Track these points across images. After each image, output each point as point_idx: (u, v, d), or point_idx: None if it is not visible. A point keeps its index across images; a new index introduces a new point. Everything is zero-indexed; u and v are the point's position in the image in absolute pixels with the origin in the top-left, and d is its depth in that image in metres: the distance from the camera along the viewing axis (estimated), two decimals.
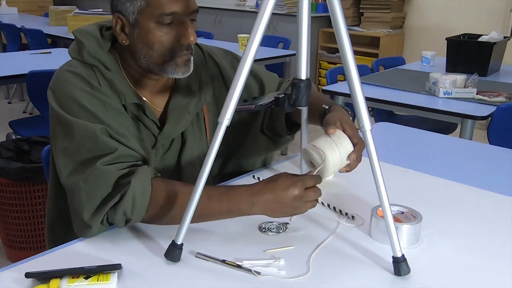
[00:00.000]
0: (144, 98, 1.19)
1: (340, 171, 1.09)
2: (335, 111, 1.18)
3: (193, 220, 1.00)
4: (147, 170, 1.05)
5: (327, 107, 1.20)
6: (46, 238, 1.30)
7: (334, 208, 1.20)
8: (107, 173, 1.03)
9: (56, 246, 1.05)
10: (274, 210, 1.03)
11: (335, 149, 1.05)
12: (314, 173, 1.06)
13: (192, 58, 1.15)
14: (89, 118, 1.08)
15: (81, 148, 1.06)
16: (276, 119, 1.36)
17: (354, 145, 1.07)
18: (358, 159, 1.09)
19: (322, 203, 1.22)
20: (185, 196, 1.02)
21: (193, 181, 0.95)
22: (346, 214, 1.17)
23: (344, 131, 1.09)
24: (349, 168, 1.09)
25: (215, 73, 1.32)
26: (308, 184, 1.03)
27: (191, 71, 1.16)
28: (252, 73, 1.36)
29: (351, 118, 1.20)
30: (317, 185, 1.04)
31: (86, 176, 1.03)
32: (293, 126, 1.36)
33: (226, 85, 1.32)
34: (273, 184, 1.03)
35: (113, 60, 1.16)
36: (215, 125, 0.94)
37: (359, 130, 1.00)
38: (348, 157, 1.06)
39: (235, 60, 1.37)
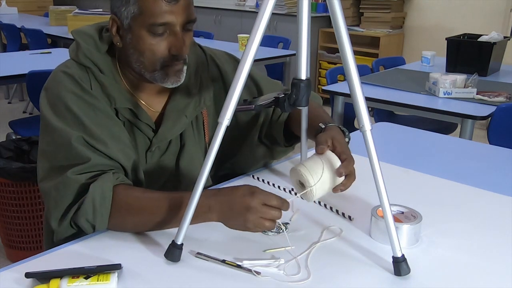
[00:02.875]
0: (141, 101, 1.19)
1: (334, 191, 1.06)
2: (329, 130, 1.16)
3: (157, 228, 1.03)
4: (109, 177, 1.05)
5: (323, 126, 1.18)
6: (43, 235, 1.30)
7: (334, 210, 1.20)
8: (75, 182, 1.04)
9: (49, 241, 1.06)
10: (227, 217, 1.00)
11: (324, 170, 1.04)
12: (301, 194, 1.04)
13: (185, 68, 1.15)
14: (74, 121, 1.09)
15: (57, 154, 1.08)
16: (274, 129, 1.35)
17: (342, 162, 1.05)
18: (351, 177, 1.06)
19: (325, 205, 1.22)
20: (145, 203, 1.04)
21: (192, 183, 0.95)
22: (343, 214, 1.17)
23: (334, 148, 1.07)
24: (343, 187, 1.06)
25: (216, 76, 1.32)
26: (269, 201, 0.97)
27: (181, 81, 1.15)
28: (252, 78, 1.36)
29: (347, 138, 1.19)
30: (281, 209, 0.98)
31: (57, 183, 1.06)
32: (292, 138, 1.35)
33: (226, 89, 1.30)
34: (232, 189, 1.00)
35: (109, 63, 1.16)
36: (214, 128, 0.94)
37: (358, 130, 1.00)
38: (337, 171, 1.04)
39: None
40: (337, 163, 1.05)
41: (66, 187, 1.05)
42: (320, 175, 1.03)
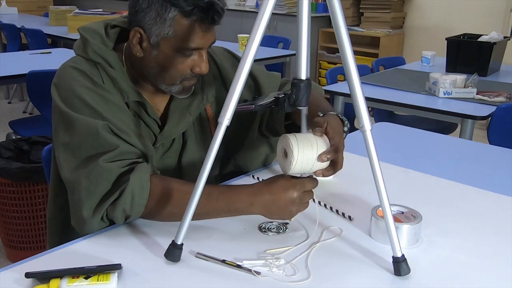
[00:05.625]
0: (145, 97, 1.20)
1: (316, 174, 1.04)
2: (327, 117, 1.14)
3: (192, 218, 1.00)
4: (145, 167, 1.06)
5: (321, 114, 1.18)
6: (47, 234, 1.30)
7: (334, 210, 1.20)
8: (108, 171, 1.04)
9: (55, 241, 1.05)
10: (271, 211, 1.05)
11: (313, 146, 1.02)
12: (279, 162, 1.06)
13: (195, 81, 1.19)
14: (91, 114, 1.08)
15: (83, 145, 1.07)
16: (276, 121, 1.35)
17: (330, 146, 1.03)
18: (337, 166, 1.05)
19: (325, 205, 1.22)
20: (182, 194, 1.04)
21: (194, 181, 0.95)
22: (343, 214, 1.17)
23: (326, 133, 1.05)
24: (326, 172, 1.05)
25: (216, 74, 1.33)
26: (307, 187, 1.04)
27: (191, 93, 1.20)
28: (250, 74, 1.36)
29: (345, 127, 1.18)
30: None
31: (87, 172, 1.04)
32: (294, 129, 1.35)
33: (225, 86, 1.32)
34: (273, 185, 1.04)
35: (116, 58, 1.17)
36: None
37: (358, 130, 1.00)
38: (319, 157, 1.02)
39: (237, 61, 1.37)
40: (326, 145, 1.03)
41: (99, 175, 1.04)
42: (306, 151, 1.01)
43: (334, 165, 1.06)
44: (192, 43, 1.08)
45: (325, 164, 1.04)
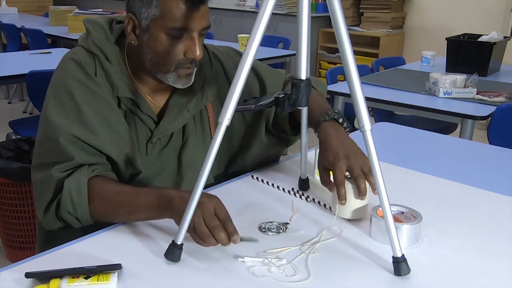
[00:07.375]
0: (141, 93, 1.21)
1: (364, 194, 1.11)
2: (329, 137, 1.15)
3: (118, 219, 1.08)
4: (82, 170, 1.09)
5: (317, 135, 1.19)
6: (36, 237, 1.31)
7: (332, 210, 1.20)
8: (58, 179, 1.09)
9: (42, 246, 1.08)
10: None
11: (354, 205, 1.12)
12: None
13: (195, 71, 1.18)
14: (72, 107, 1.12)
15: (46, 146, 1.13)
16: (281, 119, 1.36)
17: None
18: (358, 179, 1.09)
19: (324, 205, 1.22)
20: (113, 194, 1.08)
21: (194, 179, 0.95)
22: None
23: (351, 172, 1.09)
24: (362, 196, 1.11)
25: (220, 73, 1.33)
26: (217, 211, 0.96)
27: (191, 83, 1.19)
28: (254, 72, 1.37)
29: (344, 124, 1.19)
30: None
31: (42, 178, 1.11)
32: (299, 126, 1.35)
33: (230, 84, 1.32)
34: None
35: (116, 53, 1.19)
36: None
37: (358, 130, 1.00)
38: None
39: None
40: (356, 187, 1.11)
41: (48, 182, 1.09)
42: (356, 209, 1.13)
43: (358, 180, 1.09)
44: (179, 22, 1.08)
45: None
